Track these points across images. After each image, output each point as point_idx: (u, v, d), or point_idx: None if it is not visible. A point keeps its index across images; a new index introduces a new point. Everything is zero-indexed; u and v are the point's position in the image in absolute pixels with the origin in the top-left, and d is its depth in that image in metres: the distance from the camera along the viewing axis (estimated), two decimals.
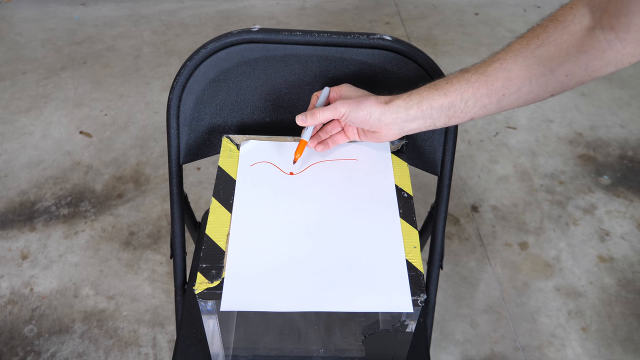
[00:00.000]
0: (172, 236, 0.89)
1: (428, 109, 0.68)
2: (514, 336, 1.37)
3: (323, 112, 0.71)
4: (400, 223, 0.70)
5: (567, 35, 0.61)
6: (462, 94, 0.66)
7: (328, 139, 0.78)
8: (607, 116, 2.06)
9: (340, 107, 0.70)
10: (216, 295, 0.61)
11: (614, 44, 0.59)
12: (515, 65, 0.64)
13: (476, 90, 0.66)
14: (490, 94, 0.65)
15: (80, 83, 2.13)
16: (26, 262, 1.49)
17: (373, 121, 0.70)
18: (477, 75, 0.65)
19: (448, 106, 0.67)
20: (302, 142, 0.74)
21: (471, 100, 0.66)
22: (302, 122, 0.73)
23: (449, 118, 0.68)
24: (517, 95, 0.65)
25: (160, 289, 1.44)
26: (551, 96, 0.66)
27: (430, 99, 0.67)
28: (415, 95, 0.68)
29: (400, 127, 0.70)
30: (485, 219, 1.65)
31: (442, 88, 0.67)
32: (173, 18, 2.54)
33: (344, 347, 0.78)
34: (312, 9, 2.64)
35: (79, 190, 1.70)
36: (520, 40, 0.64)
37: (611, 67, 0.62)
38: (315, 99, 0.77)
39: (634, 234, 1.62)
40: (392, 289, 0.62)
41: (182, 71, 0.81)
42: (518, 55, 0.64)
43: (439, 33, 2.47)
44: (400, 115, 0.69)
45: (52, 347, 1.31)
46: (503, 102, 0.66)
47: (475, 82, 0.65)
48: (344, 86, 0.76)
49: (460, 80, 0.66)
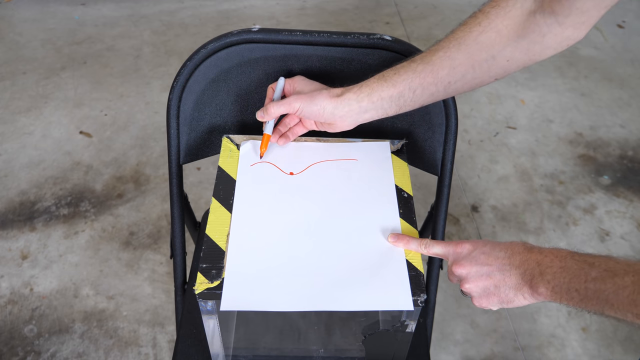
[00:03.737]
0: (172, 236, 0.89)
1: (379, 100, 0.69)
2: (514, 336, 1.37)
3: (277, 107, 0.73)
4: (400, 223, 0.70)
5: (508, 21, 0.63)
6: (410, 84, 0.68)
7: (288, 131, 0.79)
8: (607, 116, 2.05)
9: (294, 103, 0.72)
10: (216, 295, 0.61)
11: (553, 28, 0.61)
12: (458, 54, 0.65)
13: (423, 80, 0.67)
14: (437, 83, 0.67)
15: (80, 83, 2.13)
16: (26, 262, 1.49)
17: (327, 115, 0.71)
18: (423, 65, 0.67)
19: (397, 96, 0.69)
20: (266, 136, 0.77)
21: (419, 89, 0.68)
22: (260, 118, 0.75)
23: (400, 107, 0.70)
24: (462, 82, 0.67)
25: (160, 289, 1.44)
26: (495, 80, 0.68)
27: (380, 90, 0.69)
28: (366, 88, 0.70)
29: (354, 119, 0.72)
30: (485, 219, 1.65)
31: (390, 79, 0.68)
32: (173, 18, 2.54)
33: (344, 347, 0.78)
34: (312, 9, 2.64)
35: (79, 190, 1.70)
36: (463, 28, 0.65)
37: (550, 51, 0.64)
38: (271, 91, 0.78)
39: (634, 234, 1.62)
40: (393, 288, 0.62)
41: (182, 71, 0.81)
42: (461, 43, 0.65)
43: (439, 33, 2.47)
44: (353, 108, 0.70)
45: (52, 347, 1.31)
46: (450, 89, 0.68)
47: (422, 72, 0.67)
48: (298, 79, 0.77)
49: (407, 71, 0.68)
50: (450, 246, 0.64)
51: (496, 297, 0.60)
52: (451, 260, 0.64)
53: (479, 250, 0.61)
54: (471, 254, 0.61)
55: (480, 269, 0.60)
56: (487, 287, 0.60)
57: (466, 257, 0.62)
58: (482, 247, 0.61)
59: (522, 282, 0.58)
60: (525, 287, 0.57)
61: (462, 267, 0.61)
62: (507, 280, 0.59)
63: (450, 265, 0.64)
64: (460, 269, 0.61)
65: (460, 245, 0.63)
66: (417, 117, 0.85)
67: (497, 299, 0.60)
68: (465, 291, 0.62)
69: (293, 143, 0.81)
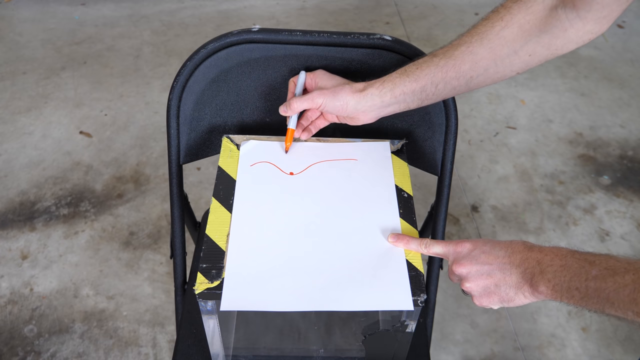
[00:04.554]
0: (172, 236, 0.89)
1: (401, 95, 0.70)
2: (514, 336, 1.37)
3: (300, 102, 0.73)
4: (400, 223, 0.70)
5: (530, 15, 0.63)
6: (432, 79, 0.68)
7: (310, 125, 0.79)
8: (607, 116, 2.05)
9: (317, 98, 0.72)
10: (216, 295, 0.61)
11: (575, 23, 0.61)
12: (480, 48, 0.66)
13: (445, 74, 0.68)
14: (459, 77, 0.68)
15: (80, 83, 2.13)
16: (26, 262, 1.49)
17: (350, 110, 0.72)
18: (445, 59, 0.67)
19: (420, 90, 0.69)
20: (290, 131, 0.78)
21: (441, 84, 0.68)
22: (283, 113, 0.76)
23: (422, 101, 0.71)
24: (484, 76, 0.68)
25: (160, 289, 1.44)
26: (517, 74, 0.68)
27: (402, 85, 0.69)
28: (388, 83, 0.70)
29: (376, 113, 0.73)
30: (485, 219, 1.65)
31: (412, 74, 0.69)
32: (173, 18, 2.54)
33: (344, 347, 0.78)
34: (312, 9, 2.64)
35: (79, 190, 1.70)
36: (485, 22, 0.66)
37: (572, 45, 0.64)
38: (293, 85, 0.78)
39: (634, 234, 1.62)
40: (393, 287, 0.62)
41: (182, 71, 0.81)
42: (483, 37, 0.66)
43: (439, 33, 2.47)
44: (375, 103, 0.71)
45: (52, 347, 1.31)
46: (471, 83, 0.68)
47: (444, 67, 0.67)
48: (319, 73, 0.77)
49: (429, 65, 0.68)
50: (451, 246, 0.64)
51: (497, 296, 0.60)
52: (451, 260, 0.64)
53: (479, 250, 0.61)
54: (471, 253, 0.62)
55: (481, 268, 0.60)
56: (487, 286, 0.60)
57: (466, 257, 0.62)
58: (482, 246, 0.61)
59: (522, 281, 0.58)
60: (526, 286, 0.58)
61: (463, 266, 0.61)
62: (508, 279, 0.59)
63: (450, 264, 0.64)
64: (460, 268, 0.61)
65: (460, 245, 0.63)
66: (417, 117, 0.85)
67: (498, 298, 0.60)
68: (466, 290, 0.62)
69: (293, 143, 0.81)
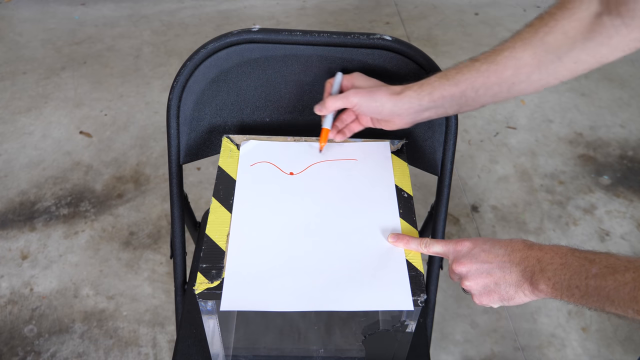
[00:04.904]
0: (172, 236, 0.89)
1: (440, 99, 0.68)
2: (514, 336, 1.37)
3: (335, 100, 0.72)
4: (400, 223, 0.70)
5: (575, 22, 0.61)
6: (473, 84, 0.66)
7: (344, 128, 0.78)
8: (607, 116, 2.05)
9: (352, 97, 0.70)
10: (216, 295, 0.61)
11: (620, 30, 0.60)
12: (524, 54, 0.64)
13: (486, 80, 0.66)
14: (501, 83, 0.65)
15: (80, 83, 2.13)
16: (26, 262, 1.49)
17: (385, 112, 0.70)
18: (487, 64, 0.65)
19: (459, 95, 0.67)
20: (324, 130, 0.76)
21: (482, 89, 0.66)
22: (319, 112, 0.74)
23: (460, 106, 0.69)
24: (527, 83, 0.65)
25: (160, 289, 1.44)
26: (560, 82, 0.66)
27: (442, 89, 0.67)
28: (427, 86, 0.68)
29: (413, 117, 0.70)
30: (485, 219, 1.65)
31: (452, 78, 0.67)
32: (173, 18, 2.54)
33: (344, 347, 0.78)
34: (312, 9, 2.64)
35: (79, 190, 1.70)
36: (529, 29, 0.64)
37: (618, 52, 0.62)
38: (329, 86, 0.77)
39: (634, 234, 1.62)
40: (392, 287, 0.62)
41: (182, 71, 0.81)
42: (527, 43, 0.64)
43: (439, 33, 2.47)
44: (413, 106, 0.69)
45: (52, 347, 1.31)
46: (513, 90, 0.66)
47: (486, 72, 0.65)
48: (356, 75, 0.76)
49: (470, 70, 0.66)
50: (451, 244, 0.64)
51: (496, 294, 0.60)
52: (452, 259, 0.64)
53: (479, 248, 0.61)
54: (471, 251, 0.62)
55: (481, 267, 0.60)
56: (487, 285, 0.60)
57: (466, 255, 0.62)
58: (482, 244, 0.61)
59: (522, 279, 0.58)
60: (526, 284, 0.58)
61: (463, 265, 0.61)
62: (508, 277, 0.59)
63: (450, 263, 0.64)
64: (460, 267, 0.61)
65: (460, 244, 0.63)
66: None
67: (498, 297, 0.60)
68: (466, 289, 0.62)
69: (293, 143, 0.81)
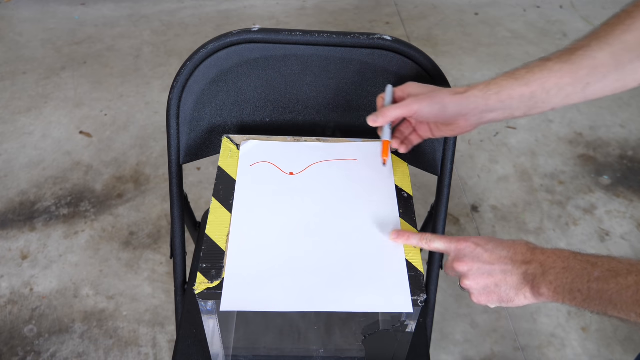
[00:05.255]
0: (172, 236, 0.89)
1: (508, 99, 0.64)
2: (514, 336, 1.37)
3: (394, 109, 0.67)
4: (400, 223, 0.70)
5: None
6: (544, 84, 0.62)
7: (404, 140, 0.74)
8: (607, 116, 2.05)
9: (412, 104, 0.66)
10: (216, 295, 0.61)
11: None
12: (600, 53, 0.61)
13: (559, 80, 0.62)
14: (575, 83, 0.62)
15: (80, 83, 2.13)
16: (26, 262, 1.49)
17: (448, 113, 0.66)
18: (560, 63, 0.62)
19: (529, 96, 0.63)
20: (385, 143, 0.71)
21: (554, 90, 0.62)
22: (373, 123, 0.69)
23: (529, 108, 0.65)
24: (603, 84, 0.62)
25: (160, 289, 1.44)
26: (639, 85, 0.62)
27: (510, 89, 0.64)
28: (494, 85, 0.64)
29: (478, 118, 0.66)
30: (485, 219, 1.65)
31: (522, 77, 0.63)
32: (173, 18, 2.54)
33: (344, 347, 0.78)
34: (312, 9, 2.64)
35: (79, 190, 1.70)
36: (605, 27, 0.61)
37: None
38: (381, 100, 0.73)
39: (634, 234, 1.62)
40: (392, 289, 0.62)
41: (182, 71, 0.81)
42: (603, 41, 0.60)
43: (439, 33, 2.47)
44: (478, 106, 0.65)
45: (52, 347, 1.31)
46: (588, 91, 0.63)
47: (559, 71, 0.62)
48: (409, 83, 0.72)
49: (542, 69, 0.63)
50: (453, 242, 0.63)
51: (496, 295, 0.60)
52: (452, 256, 0.63)
53: (482, 248, 0.61)
54: (474, 251, 0.61)
55: (482, 267, 0.60)
56: (487, 285, 0.60)
57: (468, 255, 0.61)
58: (485, 244, 0.61)
59: (523, 282, 0.58)
60: (527, 288, 0.57)
61: (464, 264, 0.61)
62: (509, 279, 0.59)
63: (451, 260, 0.63)
64: (461, 266, 0.61)
65: (462, 242, 0.62)
66: None
67: (497, 298, 0.60)
68: (465, 287, 0.62)
69: (293, 143, 0.81)
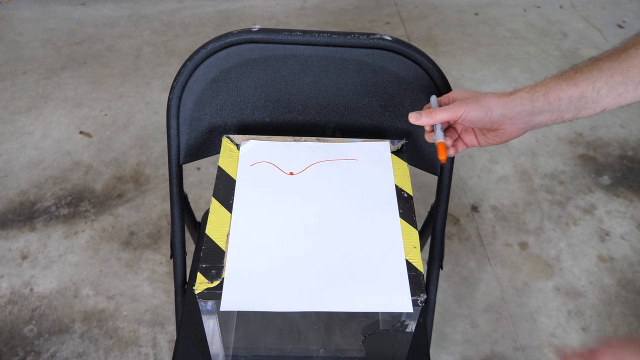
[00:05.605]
0: (172, 236, 0.89)
1: (556, 101, 0.63)
2: (514, 336, 1.37)
3: (440, 112, 0.67)
4: (400, 223, 0.70)
5: None
6: (594, 83, 0.61)
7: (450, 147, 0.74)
8: (607, 116, 2.05)
9: (458, 108, 0.66)
10: (216, 295, 0.61)
11: None
12: None
13: (610, 79, 0.61)
14: (626, 82, 0.61)
15: (80, 83, 2.13)
16: (26, 262, 1.49)
17: (495, 117, 0.65)
18: (610, 62, 0.61)
19: (578, 97, 0.62)
20: (441, 144, 0.70)
21: (604, 89, 0.61)
22: (415, 120, 0.69)
23: (579, 110, 0.63)
24: None
25: (160, 289, 1.44)
26: None
27: (558, 90, 0.63)
28: (541, 87, 0.64)
29: (526, 122, 0.65)
30: (485, 219, 1.65)
31: (570, 78, 0.63)
32: (173, 18, 2.54)
33: (344, 347, 0.78)
34: (312, 9, 2.64)
35: (79, 190, 1.70)
36: None
37: None
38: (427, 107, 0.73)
39: (634, 234, 1.62)
40: (392, 289, 0.62)
41: (182, 71, 0.81)
42: None
43: (439, 33, 2.47)
44: (525, 108, 0.64)
45: (52, 347, 1.31)
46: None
47: (609, 70, 0.61)
48: (455, 91, 0.72)
49: (591, 69, 0.62)
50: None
51: None
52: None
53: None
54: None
55: None
56: None
57: None
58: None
59: None
60: None
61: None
62: None
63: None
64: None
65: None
66: None
67: None
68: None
69: (293, 143, 0.81)
